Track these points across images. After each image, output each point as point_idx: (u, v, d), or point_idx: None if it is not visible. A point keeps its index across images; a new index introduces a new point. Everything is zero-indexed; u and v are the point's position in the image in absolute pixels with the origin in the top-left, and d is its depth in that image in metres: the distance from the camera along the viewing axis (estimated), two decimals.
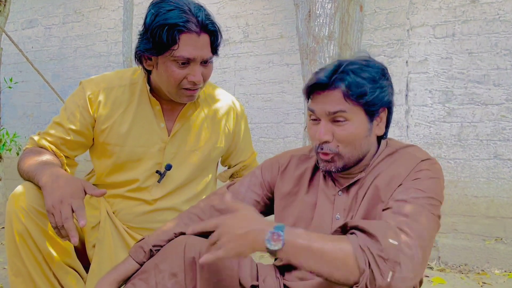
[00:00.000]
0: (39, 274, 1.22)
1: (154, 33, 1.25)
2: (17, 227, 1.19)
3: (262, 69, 4.06)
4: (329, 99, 1.10)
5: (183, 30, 1.24)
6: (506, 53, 3.14)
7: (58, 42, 5.24)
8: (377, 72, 1.12)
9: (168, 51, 1.26)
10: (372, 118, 1.13)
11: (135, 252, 1.19)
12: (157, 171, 1.41)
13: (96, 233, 1.36)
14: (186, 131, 1.46)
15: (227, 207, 1.02)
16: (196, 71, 1.29)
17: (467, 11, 3.25)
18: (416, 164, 1.11)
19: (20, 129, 5.23)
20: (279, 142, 3.99)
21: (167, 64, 1.29)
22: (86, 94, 1.39)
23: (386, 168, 1.15)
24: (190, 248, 1.14)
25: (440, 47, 3.33)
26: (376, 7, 3.56)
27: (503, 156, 3.15)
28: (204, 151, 1.48)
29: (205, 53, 1.29)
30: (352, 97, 1.08)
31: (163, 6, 1.26)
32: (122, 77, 1.44)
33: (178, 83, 1.31)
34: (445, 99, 3.31)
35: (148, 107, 1.42)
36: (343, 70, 1.10)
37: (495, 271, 2.90)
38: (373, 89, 1.10)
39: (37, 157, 1.30)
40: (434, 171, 1.11)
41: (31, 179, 1.26)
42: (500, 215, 3.13)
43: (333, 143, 1.12)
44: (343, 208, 1.17)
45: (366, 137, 1.13)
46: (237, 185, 1.32)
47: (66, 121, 1.38)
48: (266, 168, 1.31)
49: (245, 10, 4.16)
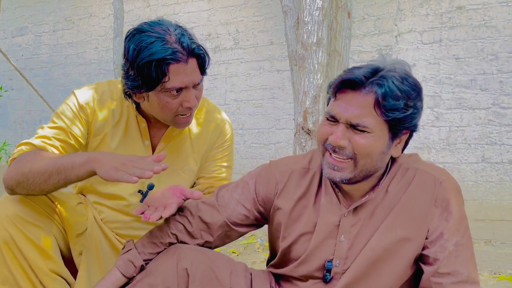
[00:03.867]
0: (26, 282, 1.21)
1: (141, 70, 1.20)
2: (1, 235, 1.19)
3: (253, 75, 4.08)
4: (357, 102, 0.99)
5: (171, 62, 1.20)
6: (492, 58, 3.19)
7: (48, 50, 5.23)
8: (414, 90, 1.02)
9: (158, 85, 1.23)
10: (394, 136, 1.04)
11: (124, 267, 1.15)
12: (139, 190, 1.34)
13: (82, 240, 1.36)
14: (171, 150, 1.43)
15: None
16: (190, 97, 1.26)
17: (454, 17, 3.30)
18: (437, 190, 1.05)
19: (11, 137, 5.20)
20: (271, 148, 4.01)
21: (159, 96, 1.25)
22: (80, 104, 1.36)
23: (399, 191, 1.08)
24: (182, 259, 1.12)
25: (428, 53, 3.38)
26: (365, 13, 3.60)
27: (490, 160, 3.19)
28: (187, 171, 1.45)
29: (195, 78, 1.26)
30: (384, 108, 0.98)
31: (143, 39, 1.20)
32: (113, 91, 1.41)
33: (174, 112, 1.28)
34: (433, 103, 3.35)
35: (135, 124, 1.40)
36: (384, 75, 0.99)
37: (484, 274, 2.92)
38: (406, 107, 0.99)
39: (49, 155, 1.22)
40: (456, 190, 1.07)
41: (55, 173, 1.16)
42: (489, 217, 3.16)
43: (348, 149, 1.02)
44: (349, 231, 1.10)
45: (382, 153, 1.04)
46: (227, 195, 1.23)
47: (65, 126, 1.32)
48: (261, 183, 1.21)
49: (235, 17, 4.19)
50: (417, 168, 1.10)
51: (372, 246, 1.07)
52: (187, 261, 1.11)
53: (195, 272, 1.10)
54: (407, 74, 1.03)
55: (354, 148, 1.01)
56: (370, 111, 0.99)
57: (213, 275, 1.12)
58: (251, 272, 1.21)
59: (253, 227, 1.25)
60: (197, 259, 1.12)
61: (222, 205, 1.22)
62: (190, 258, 1.12)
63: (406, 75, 1.02)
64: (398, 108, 0.98)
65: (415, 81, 1.04)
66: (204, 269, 1.12)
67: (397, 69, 1.02)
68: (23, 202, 1.22)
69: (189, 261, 1.11)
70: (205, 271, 1.12)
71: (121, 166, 1.10)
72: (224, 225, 1.21)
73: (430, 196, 1.05)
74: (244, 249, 3.36)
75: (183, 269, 1.10)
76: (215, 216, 1.21)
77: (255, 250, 3.34)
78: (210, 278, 1.12)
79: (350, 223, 1.10)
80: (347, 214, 1.11)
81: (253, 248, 3.37)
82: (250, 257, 3.14)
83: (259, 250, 3.31)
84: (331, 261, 1.11)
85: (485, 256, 3.02)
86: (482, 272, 2.95)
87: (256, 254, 3.23)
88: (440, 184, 1.05)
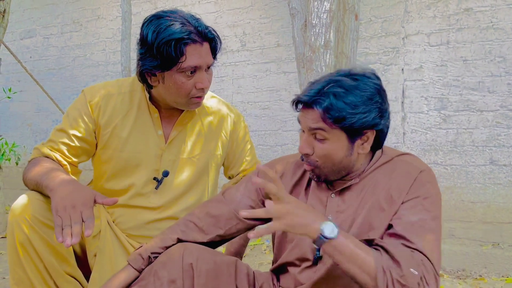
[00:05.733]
0: (41, 283, 1.23)
1: (161, 50, 1.29)
2: (19, 237, 1.21)
3: (260, 77, 4.09)
4: (310, 115, 1.13)
5: (189, 42, 1.30)
6: (500, 60, 3.18)
7: (56, 52, 5.27)
8: (362, 96, 1.10)
9: (176, 64, 1.31)
10: (353, 139, 1.13)
11: (134, 260, 1.21)
12: (155, 177, 1.43)
13: (97, 242, 1.38)
14: (183, 138, 1.48)
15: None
16: (203, 78, 1.36)
17: (461, 19, 3.30)
18: (416, 175, 1.13)
19: (19, 139, 5.24)
20: (277, 150, 4.02)
21: (174, 77, 1.33)
22: (87, 101, 1.43)
23: (385, 177, 1.17)
24: (188, 255, 1.16)
25: (435, 55, 3.37)
26: (372, 15, 3.60)
27: (498, 162, 3.18)
28: (202, 159, 1.50)
29: (209, 60, 1.36)
30: (330, 120, 1.09)
31: (162, 22, 1.31)
32: (121, 85, 1.48)
33: (188, 93, 1.36)
34: (440, 106, 3.35)
35: (147, 114, 1.45)
36: (325, 92, 1.10)
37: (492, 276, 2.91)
38: (353, 115, 1.09)
39: (43, 165, 1.32)
40: (434, 183, 1.14)
41: (38, 186, 1.28)
42: (497, 220, 3.15)
43: (313, 157, 1.15)
44: (335, 210, 1.19)
45: (346, 156, 1.14)
46: (233, 190, 1.32)
47: (69, 127, 1.40)
48: (262, 175, 1.30)
49: (242, 19, 4.21)
50: (401, 158, 1.19)
51: (358, 225, 1.14)
52: (193, 257, 1.16)
53: (200, 267, 1.15)
54: (357, 81, 1.12)
55: (316, 155, 1.14)
56: (321, 123, 1.11)
57: (218, 271, 1.17)
58: (254, 272, 1.27)
59: (260, 220, 1.31)
60: (202, 256, 1.18)
61: (229, 199, 1.30)
62: (195, 254, 1.17)
63: (355, 84, 1.11)
64: (344, 118, 1.09)
65: (369, 84, 1.12)
66: (209, 265, 1.17)
67: (344, 82, 1.12)
68: (40, 204, 1.25)
69: (194, 257, 1.16)
70: (210, 267, 1.16)
71: (61, 211, 1.17)
72: (233, 217, 1.27)
73: (410, 180, 1.13)
74: (251, 251, 3.37)
75: (188, 264, 1.15)
76: (223, 208, 1.28)
77: (262, 251, 3.34)
78: (215, 274, 1.16)
79: (337, 203, 1.19)
80: (334, 196, 1.20)
81: (260, 250, 3.38)
82: (256, 258, 3.14)
83: (265, 252, 3.32)
84: None
85: (493, 259, 3.01)
86: (490, 274, 2.94)
87: (263, 256, 3.23)
88: (420, 172, 1.14)
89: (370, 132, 1.14)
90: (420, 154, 3.39)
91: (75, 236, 1.12)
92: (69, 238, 1.12)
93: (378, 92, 1.13)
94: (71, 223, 1.14)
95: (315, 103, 1.10)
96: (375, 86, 1.14)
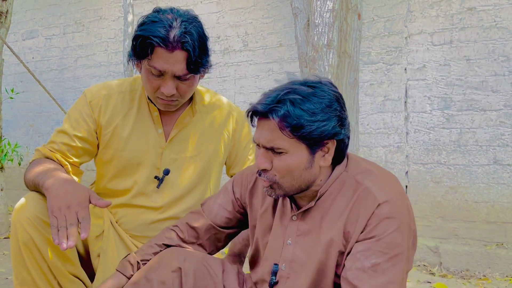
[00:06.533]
0: (45, 283, 1.23)
1: (133, 41, 1.32)
2: (22, 236, 1.21)
3: (262, 77, 4.09)
4: (267, 128, 1.06)
5: (154, 44, 1.27)
6: (503, 59, 3.17)
7: (58, 52, 5.28)
8: (320, 103, 1.05)
9: (144, 59, 1.32)
10: (314, 150, 1.07)
11: (122, 267, 1.24)
12: (156, 176, 1.43)
13: (100, 242, 1.38)
14: (184, 137, 1.48)
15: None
16: (167, 84, 1.32)
17: (464, 18, 3.29)
18: (374, 210, 1.05)
19: (22, 139, 5.25)
20: None
21: (146, 69, 1.34)
22: (88, 101, 1.44)
23: (343, 202, 1.10)
24: (176, 256, 1.20)
25: (438, 54, 3.36)
26: (374, 15, 3.59)
27: (502, 162, 3.16)
28: (203, 158, 1.50)
29: (176, 69, 1.30)
30: (287, 129, 1.03)
31: (150, 17, 1.32)
32: (122, 85, 1.49)
33: (152, 91, 1.36)
34: (444, 105, 3.33)
35: (147, 113, 1.46)
36: (281, 100, 1.04)
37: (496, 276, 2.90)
38: (311, 122, 1.03)
39: (42, 166, 1.32)
40: (396, 216, 1.05)
41: (36, 186, 1.28)
42: (501, 220, 3.14)
43: (271, 172, 1.08)
44: (295, 234, 1.14)
45: (306, 169, 1.07)
46: (211, 201, 1.33)
47: (70, 128, 1.41)
48: (236, 184, 1.31)
49: (244, 19, 4.20)
50: (365, 185, 1.09)
51: (313, 253, 1.10)
52: (181, 258, 1.20)
53: (188, 267, 1.18)
54: (314, 89, 1.07)
55: (275, 169, 1.07)
56: (279, 134, 1.04)
57: (205, 271, 1.21)
58: (244, 274, 1.29)
59: (238, 228, 1.34)
60: (190, 256, 1.21)
61: (207, 210, 1.32)
62: (183, 255, 1.21)
63: (312, 91, 1.06)
64: (302, 125, 1.03)
65: (326, 92, 1.07)
66: (197, 265, 1.20)
67: (300, 90, 1.06)
68: (43, 204, 1.25)
69: (182, 258, 1.20)
70: (198, 267, 1.20)
71: (56, 211, 1.16)
72: (211, 228, 1.30)
73: (367, 215, 1.06)
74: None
75: (176, 266, 1.18)
76: (201, 220, 1.30)
77: None
78: (203, 274, 1.20)
79: (297, 227, 1.14)
80: (295, 218, 1.15)
81: None
82: None
83: None
84: (277, 264, 1.16)
85: (497, 259, 3.00)
86: (493, 274, 2.93)
87: None
88: (378, 206, 1.05)
89: (331, 142, 1.08)
90: (423, 153, 3.38)
91: (71, 239, 1.12)
92: (65, 241, 1.12)
93: (336, 100, 1.08)
94: (67, 225, 1.14)
95: (271, 111, 1.04)
96: (333, 93, 1.09)
